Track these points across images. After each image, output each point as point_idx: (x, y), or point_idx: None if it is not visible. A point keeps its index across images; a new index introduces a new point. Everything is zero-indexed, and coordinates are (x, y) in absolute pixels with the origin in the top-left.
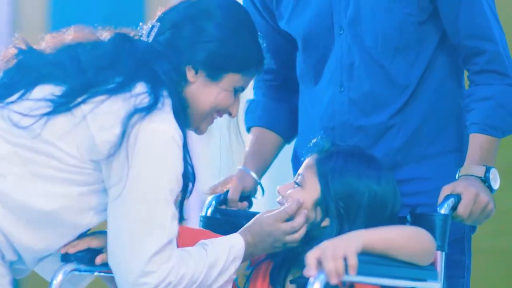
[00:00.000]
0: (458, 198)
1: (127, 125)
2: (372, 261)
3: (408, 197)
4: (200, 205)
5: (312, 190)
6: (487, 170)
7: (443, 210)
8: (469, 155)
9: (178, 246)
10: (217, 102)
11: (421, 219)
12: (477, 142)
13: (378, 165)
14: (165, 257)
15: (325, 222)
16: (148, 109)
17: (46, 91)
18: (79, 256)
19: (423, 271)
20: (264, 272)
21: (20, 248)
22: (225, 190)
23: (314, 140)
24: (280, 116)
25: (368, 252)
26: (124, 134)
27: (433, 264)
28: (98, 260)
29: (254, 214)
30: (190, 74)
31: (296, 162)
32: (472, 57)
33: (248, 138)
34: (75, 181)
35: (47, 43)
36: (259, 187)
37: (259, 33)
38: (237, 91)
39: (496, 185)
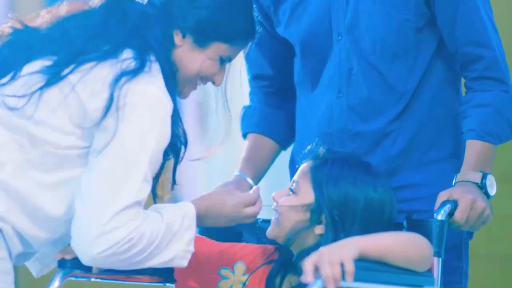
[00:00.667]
0: (455, 204)
1: (114, 88)
2: (369, 267)
3: (405, 203)
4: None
5: (306, 197)
6: (484, 176)
7: (440, 216)
8: (465, 161)
9: None
10: (201, 69)
11: (418, 225)
12: (474, 148)
13: (374, 172)
14: (133, 214)
15: (319, 230)
16: (135, 72)
17: (37, 65)
18: (75, 262)
19: (420, 277)
20: (260, 279)
21: (28, 238)
22: None
23: (309, 147)
24: (276, 123)
25: (365, 258)
26: (112, 96)
27: (430, 270)
28: (95, 267)
29: None
30: (177, 38)
31: (293, 168)
32: (469, 63)
33: (244, 144)
34: (72, 165)
35: (42, 18)
36: None
37: (254, 6)
38: (224, 61)
39: (492, 191)
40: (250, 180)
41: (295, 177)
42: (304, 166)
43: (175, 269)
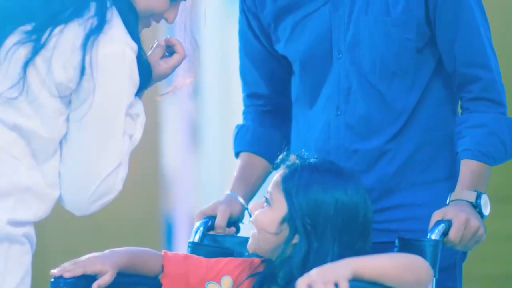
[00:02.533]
0: (449, 223)
1: (84, 53)
2: (363, 286)
3: (401, 223)
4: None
5: (279, 208)
6: (478, 196)
7: (434, 235)
8: (460, 180)
9: (165, 273)
10: (150, 6)
11: (411, 245)
12: (468, 167)
13: (345, 175)
14: (121, 173)
15: (296, 240)
16: (98, 30)
17: (17, 36)
18: (69, 282)
19: None
20: None
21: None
22: (213, 215)
23: (280, 156)
24: (269, 142)
25: (359, 279)
26: (83, 64)
27: None
28: (94, 287)
29: (241, 239)
30: None
31: None
32: (466, 84)
33: (237, 163)
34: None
35: None
36: (246, 212)
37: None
38: None
39: (486, 211)
40: (241, 199)
41: (269, 188)
42: (277, 176)
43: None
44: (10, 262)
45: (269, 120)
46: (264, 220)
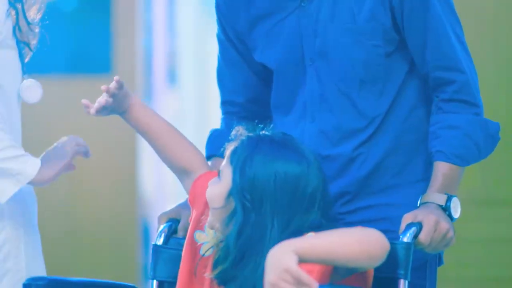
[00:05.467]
0: (420, 226)
1: None
2: None
3: (375, 223)
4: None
5: (227, 182)
6: (449, 199)
7: (406, 238)
8: (431, 183)
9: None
10: None
11: None
12: (440, 170)
13: (290, 146)
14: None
15: None
16: None
17: None
18: (40, 285)
19: None
20: None
21: None
22: (176, 218)
23: (234, 131)
24: None
25: (305, 260)
26: None
27: None
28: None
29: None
30: None
31: None
32: (440, 86)
33: None
34: None
35: None
36: None
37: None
38: None
39: (456, 214)
40: None
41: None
42: (228, 149)
43: None
44: None
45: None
46: (211, 194)
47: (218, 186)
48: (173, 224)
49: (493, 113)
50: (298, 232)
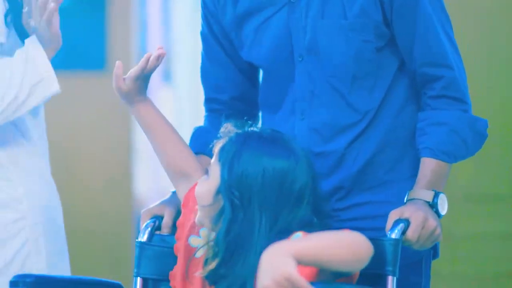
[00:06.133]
0: (407, 223)
1: None
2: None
3: (366, 221)
4: None
5: (215, 179)
6: (436, 195)
7: (394, 234)
8: (418, 179)
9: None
10: None
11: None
12: (428, 166)
13: (278, 141)
14: None
15: None
16: None
17: None
18: (27, 282)
19: None
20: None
21: None
22: (160, 215)
23: (223, 128)
24: None
25: (300, 263)
26: None
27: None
28: None
29: None
30: None
31: None
32: (428, 82)
33: None
34: None
35: None
36: None
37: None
38: None
39: (443, 211)
40: None
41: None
42: (216, 146)
43: None
44: None
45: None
46: (200, 191)
47: (206, 184)
48: (157, 221)
49: (487, 110)
50: (287, 229)
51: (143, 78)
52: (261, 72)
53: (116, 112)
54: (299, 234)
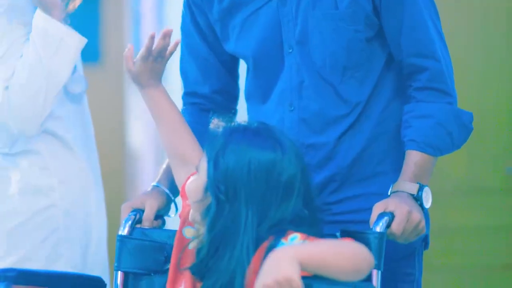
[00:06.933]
0: (392, 216)
1: None
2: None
3: (357, 213)
4: None
5: (203, 175)
6: (420, 188)
7: (379, 228)
8: (403, 171)
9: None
10: None
11: (355, 237)
12: (413, 159)
13: (266, 134)
14: None
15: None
16: None
17: None
18: (9, 276)
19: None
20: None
21: None
22: (141, 208)
23: (212, 124)
24: (203, 138)
25: (303, 269)
26: None
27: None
28: None
29: (170, 233)
30: None
31: None
32: (414, 73)
33: None
34: None
35: None
36: (172, 205)
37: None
38: None
39: (427, 204)
40: (168, 192)
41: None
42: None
43: None
44: None
45: (207, 118)
46: (190, 188)
47: (195, 180)
48: (138, 214)
49: (481, 104)
50: (279, 224)
51: (155, 61)
52: (245, 65)
53: (111, 105)
54: (297, 235)
